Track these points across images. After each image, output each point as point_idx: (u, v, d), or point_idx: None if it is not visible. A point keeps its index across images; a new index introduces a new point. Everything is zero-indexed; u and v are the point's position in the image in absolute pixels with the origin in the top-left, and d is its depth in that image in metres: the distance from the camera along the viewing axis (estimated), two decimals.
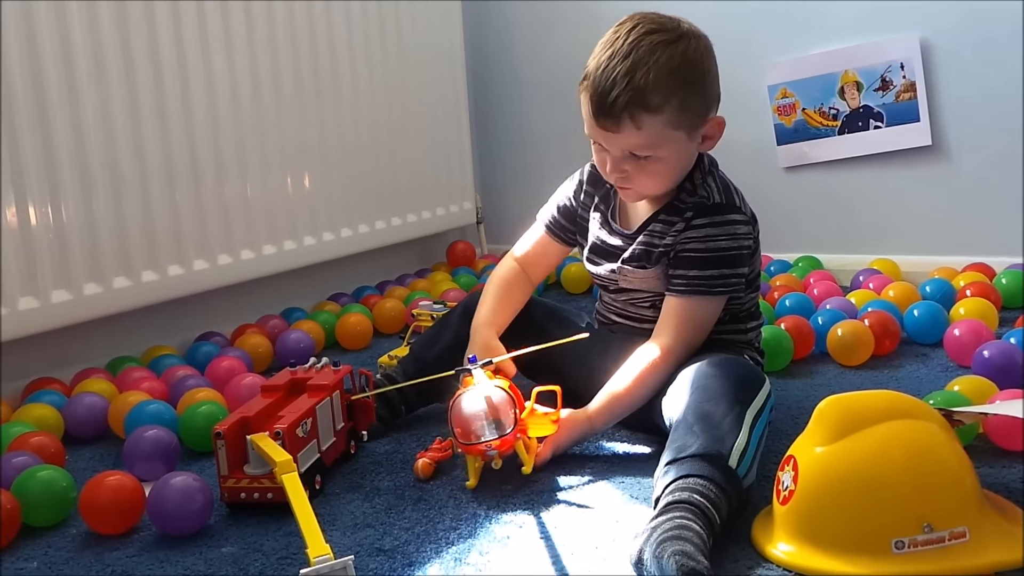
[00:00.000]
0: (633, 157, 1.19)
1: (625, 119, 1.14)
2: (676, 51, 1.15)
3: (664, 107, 1.14)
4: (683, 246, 1.22)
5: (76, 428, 1.40)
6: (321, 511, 1.09)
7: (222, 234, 1.79)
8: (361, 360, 1.73)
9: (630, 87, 1.13)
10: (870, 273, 1.96)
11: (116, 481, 1.09)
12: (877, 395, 0.95)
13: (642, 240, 1.26)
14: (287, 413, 1.14)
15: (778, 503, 0.94)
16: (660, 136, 1.16)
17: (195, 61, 1.72)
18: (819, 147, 2.13)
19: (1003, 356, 1.36)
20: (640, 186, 1.22)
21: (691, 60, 1.16)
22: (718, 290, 1.21)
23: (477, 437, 1.12)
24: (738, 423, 1.02)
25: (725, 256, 1.21)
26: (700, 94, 1.18)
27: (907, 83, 2.01)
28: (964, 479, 0.90)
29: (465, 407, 1.13)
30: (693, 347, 1.22)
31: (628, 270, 1.28)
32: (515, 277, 1.40)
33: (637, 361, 1.21)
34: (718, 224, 1.21)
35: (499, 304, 1.37)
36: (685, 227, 1.22)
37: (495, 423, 1.12)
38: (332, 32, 2.01)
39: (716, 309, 1.23)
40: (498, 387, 1.14)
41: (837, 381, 1.47)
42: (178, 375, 1.52)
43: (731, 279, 1.22)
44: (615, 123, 1.15)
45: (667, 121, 1.15)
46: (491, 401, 1.12)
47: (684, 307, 1.22)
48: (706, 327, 1.23)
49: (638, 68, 1.13)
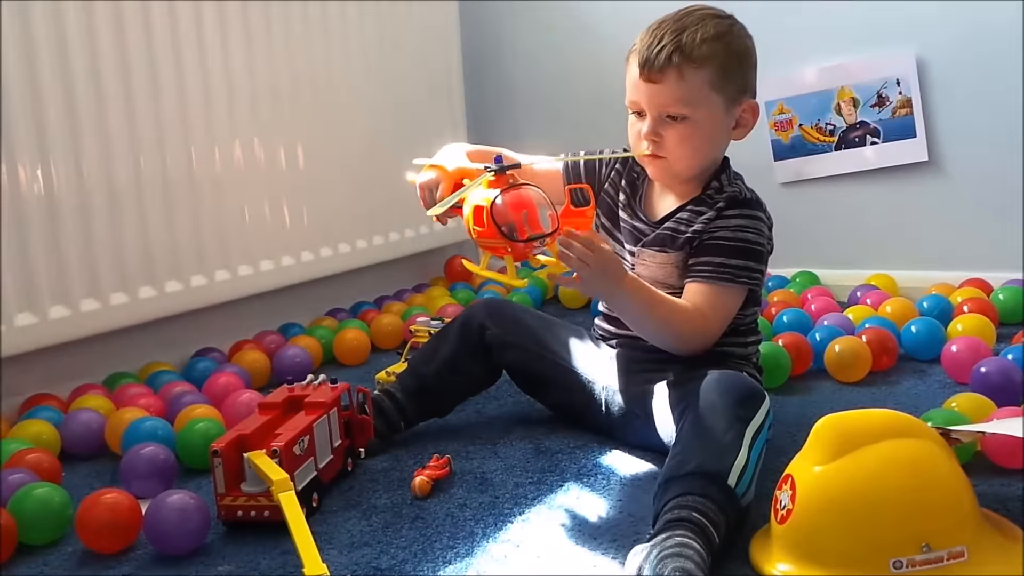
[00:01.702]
0: (670, 121, 1.23)
1: (669, 69, 1.20)
2: (724, 23, 1.24)
3: (707, 63, 1.20)
4: (712, 234, 1.24)
5: (73, 445, 1.39)
6: (318, 529, 1.09)
7: (220, 250, 1.79)
8: (359, 376, 1.73)
9: (677, 41, 1.20)
10: (867, 289, 1.97)
11: (113, 499, 1.09)
12: (874, 414, 0.95)
13: (668, 226, 1.28)
14: (284, 431, 1.13)
15: (776, 522, 0.94)
16: (700, 93, 1.21)
17: (193, 79, 1.72)
18: (816, 163, 2.13)
19: (1001, 373, 1.36)
20: (673, 155, 1.24)
21: (737, 35, 1.25)
22: (742, 280, 1.23)
23: (529, 232, 1.08)
24: (738, 441, 1.02)
25: (752, 249, 1.23)
26: (741, 68, 1.25)
27: (903, 99, 2.02)
28: (962, 498, 0.90)
29: (510, 203, 1.08)
30: (718, 334, 1.23)
31: (648, 254, 1.29)
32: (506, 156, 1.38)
33: (678, 301, 1.22)
34: (748, 217, 1.24)
35: (482, 152, 1.35)
36: (716, 216, 1.25)
37: (537, 219, 1.09)
38: (329, 48, 2.01)
39: (737, 301, 1.24)
40: (531, 184, 1.11)
41: (835, 398, 1.47)
42: (175, 391, 1.51)
43: (754, 273, 1.24)
44: (660, 73, 1.21)
45: (708, 79, 1.21)
46: (533, 197, 1.09)
47: (708, 292, 1.23)
48: (726, 318, 1.24)
49: (687, 28, 1.22)
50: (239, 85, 1.81)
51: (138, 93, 1.63)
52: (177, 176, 1.71)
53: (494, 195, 1.09)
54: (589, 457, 1.27)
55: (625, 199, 1.35)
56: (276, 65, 1.89)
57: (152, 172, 1.66)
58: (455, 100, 2.40)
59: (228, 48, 1.79)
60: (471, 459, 1.29)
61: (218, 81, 1.77)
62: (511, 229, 1.09)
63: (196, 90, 1.73)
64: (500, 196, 1.08)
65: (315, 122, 1.99)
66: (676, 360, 1.23)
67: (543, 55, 2.48)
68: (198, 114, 1.74)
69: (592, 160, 1.38)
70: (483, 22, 2.52)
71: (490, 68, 2.55)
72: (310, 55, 1.97)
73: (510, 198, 1.09)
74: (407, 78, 2.24)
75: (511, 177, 1.11)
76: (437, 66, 2.34)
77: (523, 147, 1.44)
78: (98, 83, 1.57)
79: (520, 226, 1.08)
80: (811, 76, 2.10)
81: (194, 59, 1.73)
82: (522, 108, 2.53)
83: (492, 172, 1.11)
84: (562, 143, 2.37)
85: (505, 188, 1.09)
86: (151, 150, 1.66)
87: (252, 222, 1.86)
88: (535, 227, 1.09)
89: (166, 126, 1.68)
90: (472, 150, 1.35)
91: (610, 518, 1.09)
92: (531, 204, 1.09)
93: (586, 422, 1.35)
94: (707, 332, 1.23)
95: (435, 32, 2.33)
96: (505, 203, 1.08)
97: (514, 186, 1.10)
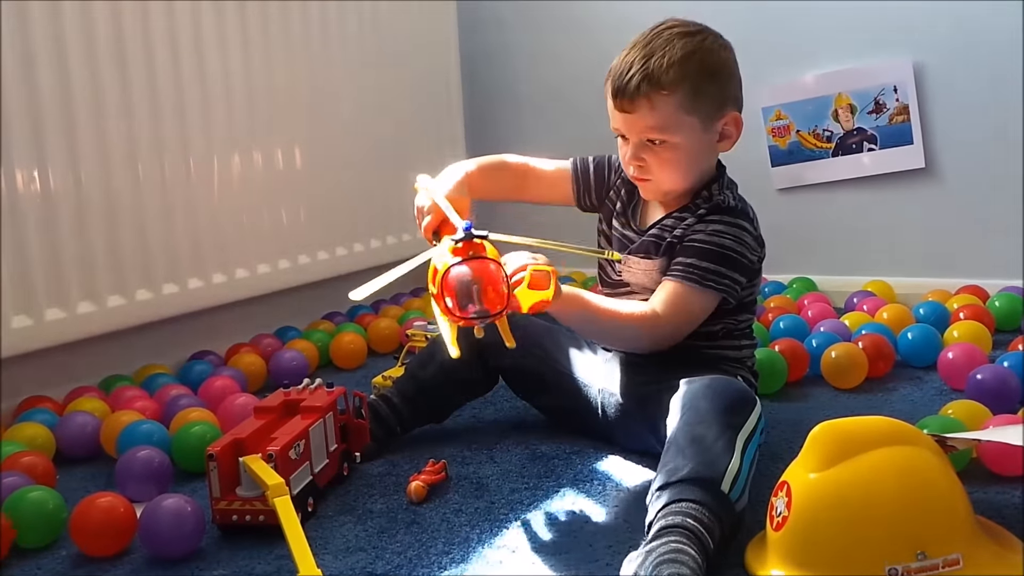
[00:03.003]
0: (650, 145, 1.22)
1: (639, 98, 1.20)
2: (692, 41, 1.22)
3: (676, 88, 1.19)
4: (689, 237, 1.24)
5: (68, 448, 1.39)
6: (313, 534, 1.09)
7: (216, 253, 1.79)
8: (355, 380, 1.72)
9: (644, 68, 1.19)
10: (864, 295, 1.97)
11: (107, 503, 1.08)
12: (870, 421, 0.95)
13: (652, 233, 1.29)
14: (280, 435, 1.13)
15: (772, 529, 0.94)
16: (674, 118, 1.20)
17: (191, 82, 1.72)
18: (813, 169, 2.14)
19: (996, 380, 1.36)
20: (658, 178, 1.25)
21: (707, 49, 1.22)
22: (709, 284, 1.22)
23: (469, 307, 1.05)
24: (730, 447, 1.02)
25: (726, 254, 1.22)
26: (715, 84, 1.23)
27: (900, 106, 2.02)
28: (958, 506, 0.90)
29: (460, 276, 1.05)
30: (676, 334, 1.23)
31: (634, 260, 1.30)
32: (508, 166, 1.41)
33: (628, 304, 1.24)
34: (728, 223, 1.24)
35: (483, 171, 1.36)
36: (696, 221, 1.25)
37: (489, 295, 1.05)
38: (328, 52, 2.02)
39: (704, 305, 1.24)
40: (491, 259, 1.07)
41: (831, 404, 1.47)
42: (171, 394, 1.51)
43: (724, 279, 1.22)
44: (631, 103, 1.20)
45: (680, 104, 1.20)
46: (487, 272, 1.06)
47: (675, 290, 1.23)
48: (692, 319, 1.24)
49: (654, 53, 1.20)
50: (236, 88, 1.81)
51: (136, 96, 1.63)
52: (174, 178, 1.70)
53: (452, 262, 1.06)
54: (585, 462, 1.27)
55: (621, 208, 1.36)
56: (273, 68, 1.89)
57: (149, 175, 1.66)
58: (453, 104, 2.40)
59: (226, 50, 1.79)
60: (467, 464, 1.29)
61: (215, 84, 1.77)
62: (462, 301, 1.06)
63: (194, 93, 1.73)
64: (455, 267, 1.06)
65: (312, 125, 1.99)
66: (671, 364, 1.23)
67: (541, 58, 2.48)
68: (195, 117, 1.74)
69: (603, 164, 1.39)
70: (481, 25, 2.52)
71: (488, 71, 2.55)
72: (308, 59, 1.97)
73: (465, 270, 1.05)
74: (405, 81, 2.24)
75: (474, 248, 1.07)
76: (435, 70, 2.34)
77: (523, 150, 1.44)
78: (96, 86, 1.57)
79: (461, 301, 1.05)
80: (808, 82, 2.11)
81: (192, 62, 1.72)
82: (521, 111, 2.53)
83: (456, 241, 1.08)
84: (561, 145, 2.38)
85: (465, 259, 1.06)
86: (148, 153, 1.66)
87: (249, 225, 1.86)
88: (486, 301, 1.06)
89: (163, 129, 1.68)
90: (474, 168, 1.35)
91: (606, 523, 1.09)
92: (486, 279, 1.05)
93: (583, 427, 1.36)
94: (657, 331, 1.22)
95: (433, 36, 2.33)
96: (458, 275, 1.05)
97: (474, 258, 1.06)
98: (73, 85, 1.53)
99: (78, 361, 1.64)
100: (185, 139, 1.72)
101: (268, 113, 1.88)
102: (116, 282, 1.62)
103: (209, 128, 1.76)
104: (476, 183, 1.34)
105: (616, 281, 1.34)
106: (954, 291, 1.94)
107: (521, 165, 1.42)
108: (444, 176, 1.31)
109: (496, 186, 1.40)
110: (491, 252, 1.08)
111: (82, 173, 1.55)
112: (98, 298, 1.59)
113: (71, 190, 1.54)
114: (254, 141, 1.86)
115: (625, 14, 2.25)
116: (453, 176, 1.31)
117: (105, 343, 1.65)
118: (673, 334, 1.23)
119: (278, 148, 1.91)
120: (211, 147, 1.77)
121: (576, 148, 1.46)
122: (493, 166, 1.39)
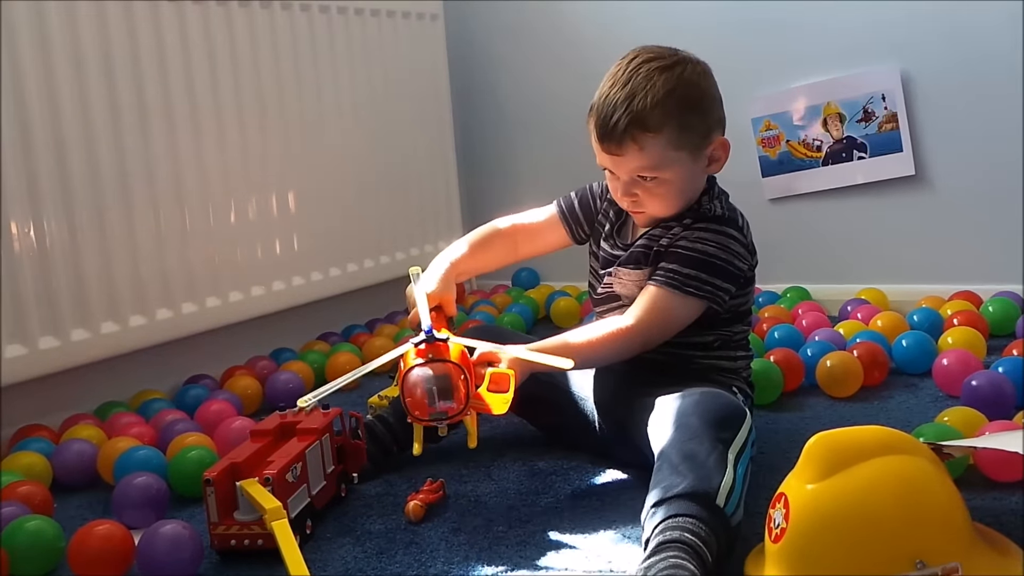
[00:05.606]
0: (641, 181, 1.23)
1: (627, 142, 1.19)
2: (672, 75, 1.20)
3: (663, 128, 1.18)
4: (674, 244, 1.25)
5: (65, 476, 1.39)
6: (311, 556, 1.08)
7: (209, 276, 1.79)
8: (351, 400, 1.72)
9: (629, 111, 1.18)
10: (858, 303, 1.97)
11: (105, 530, 1.08)
12: (866, 431, 0.95)
13: (640, 244, 1.29)
14: (276, 458, 1.13)
15: (770, 541, 0.94)
16: (663, 157, 1.20)
17: (181, 106, 1.73)
18: (804, 178, 2.14)
19: (991, 386, 1.36)
20: (651, 209, 1.26)
21: (688, 82, 1.21)
22: (690, 290, 1.22)
23: (430, 409, 1.10)
24: (722, 462, 1.02)
25: (709, 262, 1.22)
26: (699, 115, 1.22)
27: (889, 114, 2.03)
28: (955, 514, 0.90)
29: (418, 379, 1.10)
30: (655, 340, 1.23)
31: (624, 271, 1.30)
32: (498, 235, 1.42)
33: (601, 325, 1.24)
34: (713, 231, 1.24)
35: (473, 250, 1.39)
36: (683, 230, 1.25)
37: (448, 396, 1.10)
38: (319, 73, 2.02)
39: (686, 312, 1.23)
40: (452, 362, 1.11)
41: (827, 413, 1.47)
42: (167, 419, 1.51)
43: (706, 286, 1.22)
44: (618, 146, 1.20)
45: (668, 142, 1.19)
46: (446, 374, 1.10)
47: (655, 296, 1.23)
48: (671, 326, 1.24)
49: (637, 93, 1.19)
50: (228, 112, 1.82)
51: (127, 125, 1.63)
52: (166, 203, 1.71)
53: (412, 363, 1.11)
54: (583, 478, 1.27)
55: (609, 228, 1.36)
56: (264, 91, 1.90)
57: (140, 200, 1.66)
58: (444, 122, 2.41)
59: (216, 74, 1.79)
60: (465, 482, 1.29)
61: (207, 107, 1.78)
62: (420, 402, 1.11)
63: (184, 117, 1.74)
64: (415, 368, 1.11)
65: (304, 146, 1.99)
66: (666, 375, 1.23)
67: (532, 75, 2.49)
68: (187, 143, 1.74)
69: (588, 195, 1.39)
70: (470, 43, 2.53)
71: (479, 89, 2.56)
72: (300, 80, 1.98)
73: (423, 372, 1.10)
74: (395, 102, 2.24)
75: (435, 350, 1.12)
76: (425, 89, 2.35)
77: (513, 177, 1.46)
78: (87, 112, 1.57)
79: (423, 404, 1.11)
80: (797, 92, 2.11)
81: (181, 85, 1.73)
82: (512, 130, 2.54)
83: (416, 344, 1.13)
84: (552, 164, 2.40)
85: (425, 361, 1.11)
86: (140, 177, 1.66)
87: (242, 248, 1.86)
88: (443, 403, 1.10)
89: (155, 154, 1.68)
90: (465, 251, 1.37)
91: (603, 540, 1.09)
92: (442, 381, 1.10)
93: (579, 442, 1.36)
94: (632, 336, 1.22)
95: (422, 55, 2.34)
96: (415, 377, 1.11)
97: (434, 360, 1.11)
98: (65, 113, 1.54)
99: (73, 388, 1.64)
100: (176, 164, 1.72)
101: (259, 137, 1.88)
102: (109, 308, 1.62)
103: (200, 153, 1.77)
104: (467, 265, 1.38)
105: (606, 295, 1.34)
106: (947, 297, 1.94)
107: (510, 228, 1.42)
108: (431, 270, 1.34)
109: (490, 258, 1.42)
110: (455, 353, 1.12)
111: (74, 199, 1.56)
112: (92, 325, 1.59)
113: (63, 217, 1.54)
114: (247, 164, 1.86)
115: (616, 29, 2.27)
116: (438, 270, 1.33)
117: (100, 370, 1.65)
118: (649, 338, 1.23)
119: (273, 176, 1.92)
120: (203, 171, 1.77)
121: (566, 179, 1.47)
122: (483, 241, 1.41)
